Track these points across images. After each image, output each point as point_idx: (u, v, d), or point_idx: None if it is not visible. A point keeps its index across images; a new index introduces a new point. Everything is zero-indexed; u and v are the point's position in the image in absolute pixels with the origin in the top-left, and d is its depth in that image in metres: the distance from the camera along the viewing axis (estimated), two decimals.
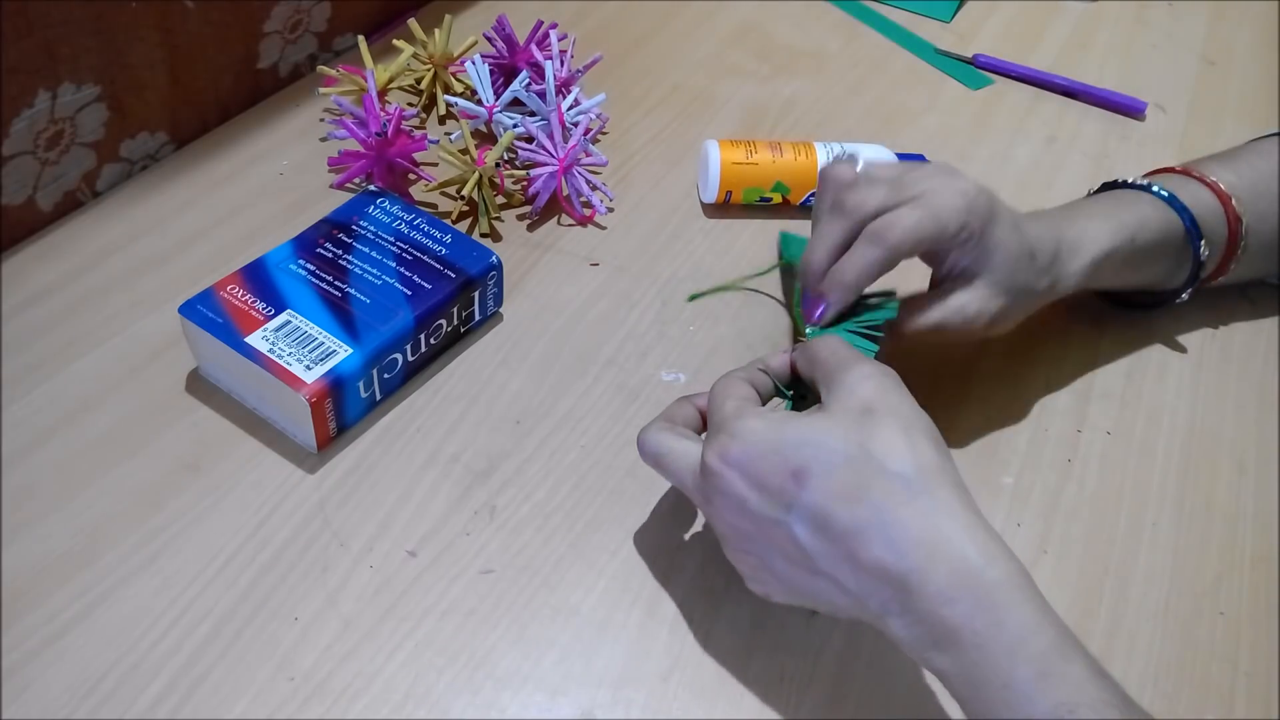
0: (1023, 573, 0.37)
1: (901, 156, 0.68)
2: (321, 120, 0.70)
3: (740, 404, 0.42)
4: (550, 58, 0.70)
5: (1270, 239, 0.59)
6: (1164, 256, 0.57)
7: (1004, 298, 0.50)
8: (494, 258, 0.56)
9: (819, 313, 0.49)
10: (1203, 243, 0.56)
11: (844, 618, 0.41)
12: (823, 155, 0.66)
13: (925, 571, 0.36)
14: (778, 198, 0.66)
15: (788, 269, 0.46)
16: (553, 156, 0.64)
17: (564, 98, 0.68)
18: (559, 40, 0.71)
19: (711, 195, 0.66)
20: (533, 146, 0.65)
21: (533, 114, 0.68)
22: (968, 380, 0.59)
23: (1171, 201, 0.56)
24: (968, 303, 0.50)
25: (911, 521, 0.37)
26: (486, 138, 0.69)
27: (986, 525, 0.38)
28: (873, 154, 0.66)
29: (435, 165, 0.66)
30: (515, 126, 0.67)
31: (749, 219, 0.66)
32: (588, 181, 0.65)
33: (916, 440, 0.38)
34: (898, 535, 0.37)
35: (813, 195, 0.65)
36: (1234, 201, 0.57)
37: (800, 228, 0.64)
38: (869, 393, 0.39)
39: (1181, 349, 0.62)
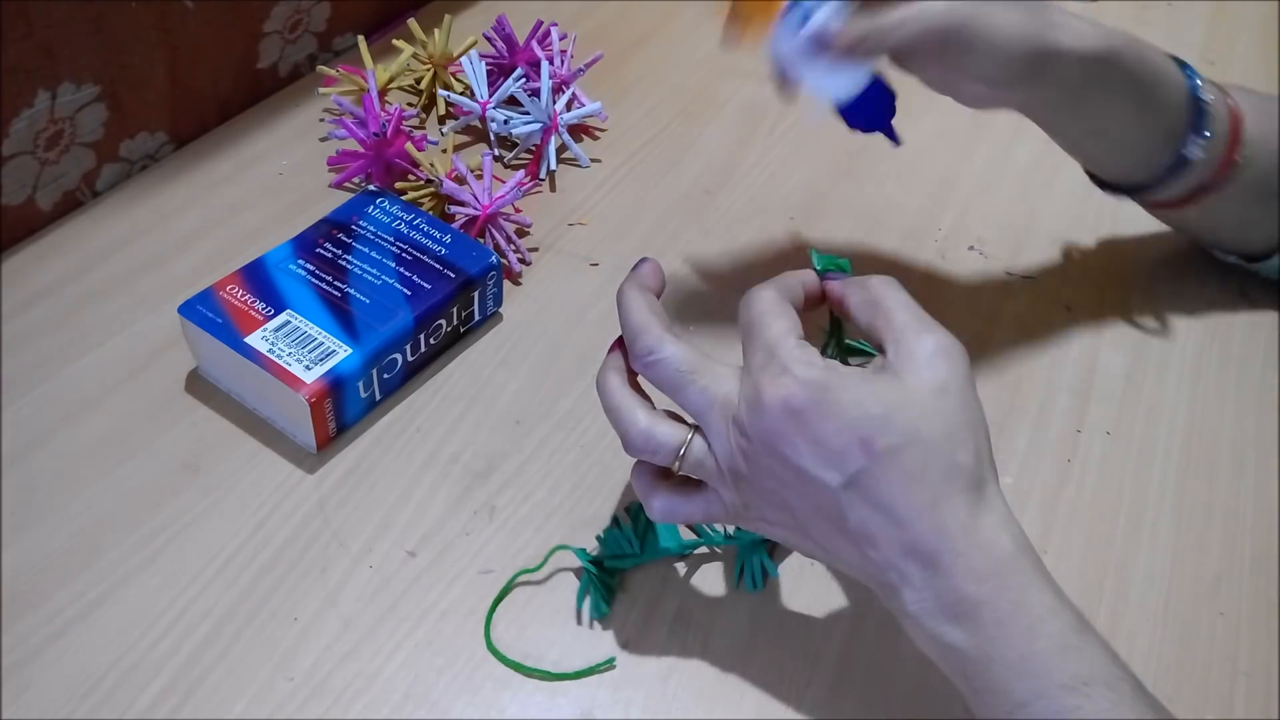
0: (1044, 565, 0.38)
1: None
2: (321, 120, 0.70)
3: (799, 341, 0.39)
4: (550, 57, 0.70)
5: (1266, 166, 0.56)
6: (1168, 101, 0.53)
7: None
8: (493, 258, 0.56)
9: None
10: (1202, 85, 0.53)
11: (838, 567, 0.40)
12: None
13: (959, 553, 0.37)
14: None
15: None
16: (477, 202, 0.60)
17: (560, 95, 0.68)
18: (559, 39, 0.71)
19: None
20: (460, 188, 0.60)
21: (527, 113, 0.68)
22: None
23: (1180, 64, 0.54)
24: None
25: (962, 508, 0.37)
26: (481, 134, 0.69)
27: (1016, 520, 0.39)
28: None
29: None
30: (507, 123, 0.67)
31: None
32: (507, 238, 0.61)
33: (978, 433, 0.39)
34: (946, 519, 0.37)
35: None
36: (1238, 105, 0.55)
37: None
38: (944, 372, 0.38)
39: (1181, 343, 0.62)
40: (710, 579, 0.48)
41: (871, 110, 0.52)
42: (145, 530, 0.47)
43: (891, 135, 0.54)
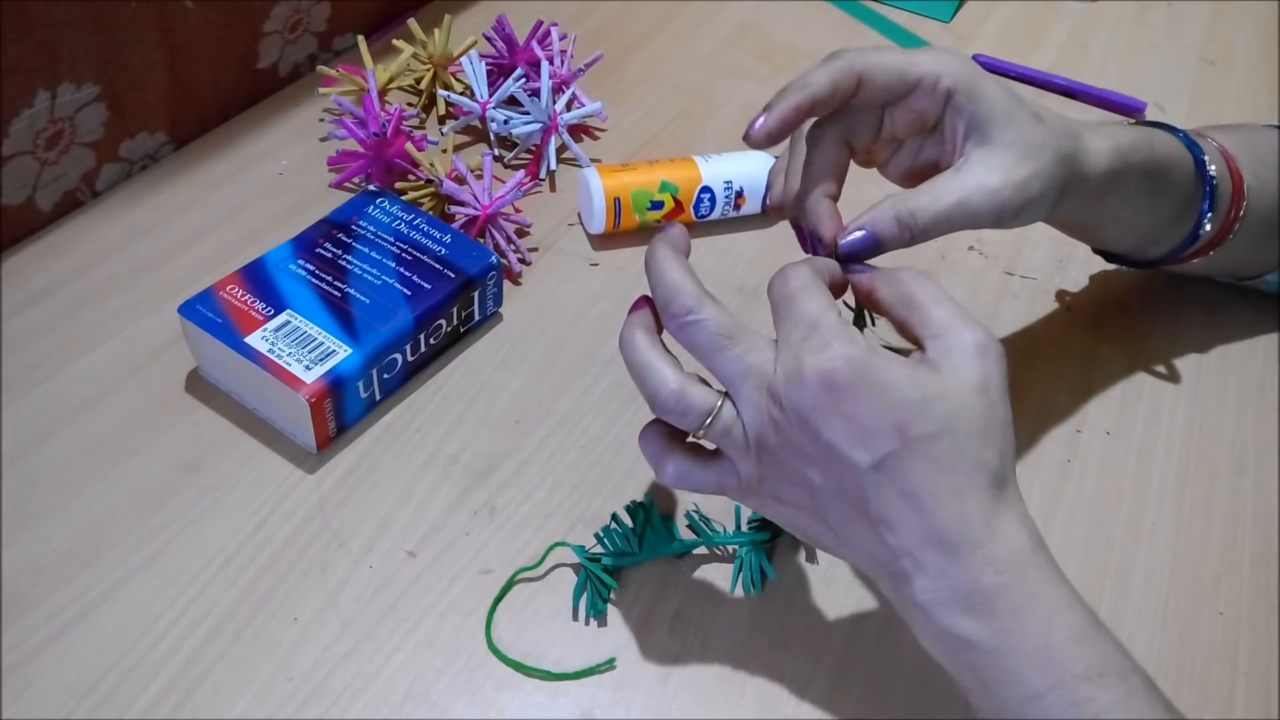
0: (1058, 564, 0.38)
1: None
2: (321, 120, 0.70)
3: (840, 320, 0.38)
4: (550, 57, 0.70)
5: (1260, 208, 0.56)
6: (1179, 183, 0.52)
7: (1027, 163, 0.43)
8: (493, 258, 0.56)
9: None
10: (1208, 158, 0.52)
11: (843, 555, 0.40)
12: (701, 165, 0.64)
13: (980, 543, 0.37)
14: (668, 199, 0.63)
15: None
16: (477, 202, 0.60)
17: (560, 95, 0.68)
18: (559, 39, 0.71)
19: (599, 223, 0.62)
20: (460, 188, 0.60)
21: (527, 113, 0.68)
22: None
23: (1183, 137, 0.54)
24: (986, 174, 0.43)
25: (985, 502, 0.37)
26: (481, 134, 0.69)
27: (1033, 520, 0.39)
28: (755, 164, 0.65)
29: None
30: (507, 123, 0.67)
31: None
32: (507, 238, 0.61)
33: (1006, 433, 0.38)
34: (969, 510, 0.37)
35: (703, 196, 0.63)
36: (1234, 159, 0.55)
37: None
38: (983, 370, 0.38)
39: (1181, 343, 0.62)
40: (710, 579, 0.48)
41: None
42: (145, 530, 0.47)
43: None
